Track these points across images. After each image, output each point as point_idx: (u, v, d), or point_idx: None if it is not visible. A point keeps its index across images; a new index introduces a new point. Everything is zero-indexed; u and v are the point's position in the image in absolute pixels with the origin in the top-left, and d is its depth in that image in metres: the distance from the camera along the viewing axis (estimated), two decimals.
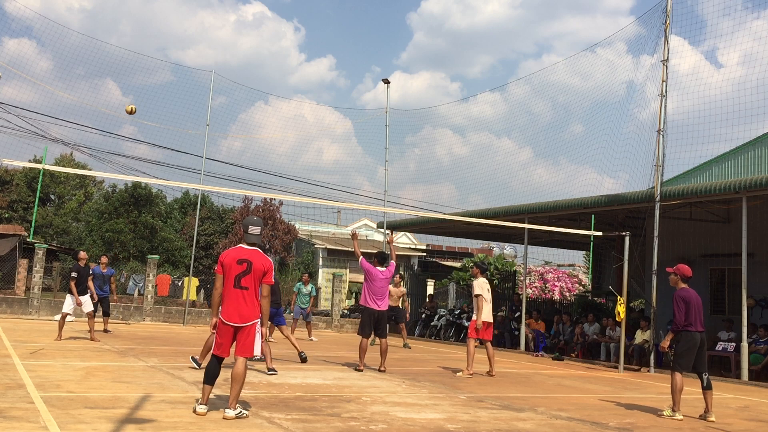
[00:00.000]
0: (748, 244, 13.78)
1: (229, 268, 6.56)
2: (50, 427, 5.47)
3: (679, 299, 8.45)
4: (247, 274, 6.54)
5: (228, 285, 6.53)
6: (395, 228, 26.26)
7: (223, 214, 43.68)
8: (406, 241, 47.10)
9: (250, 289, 6.54)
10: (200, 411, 6.42)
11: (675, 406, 8.27)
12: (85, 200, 50.95)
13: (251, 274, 6.56)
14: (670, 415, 8.21)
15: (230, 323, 6.48)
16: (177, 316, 22.70)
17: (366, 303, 11.19)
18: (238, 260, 6.58)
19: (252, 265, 6.58)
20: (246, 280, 6.53)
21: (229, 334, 6.51)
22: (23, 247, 26.69)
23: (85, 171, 36.00)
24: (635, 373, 14.41)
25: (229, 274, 6.54)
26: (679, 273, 8.63)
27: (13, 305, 20.93)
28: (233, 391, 6.41)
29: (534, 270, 34.26)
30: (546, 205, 18.46)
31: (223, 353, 6.55)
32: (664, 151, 15.20)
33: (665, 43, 15.34)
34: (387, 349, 11.40)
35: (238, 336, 6.52)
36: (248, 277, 6.54)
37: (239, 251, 6.67)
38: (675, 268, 8.69)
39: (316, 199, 20.84)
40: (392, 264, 11.48)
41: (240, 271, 6.54)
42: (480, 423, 6.92)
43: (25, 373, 8.45)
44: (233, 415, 6.31)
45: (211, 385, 6.55)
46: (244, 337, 6.52)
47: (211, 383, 6.54)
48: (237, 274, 6.53)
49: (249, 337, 6.53)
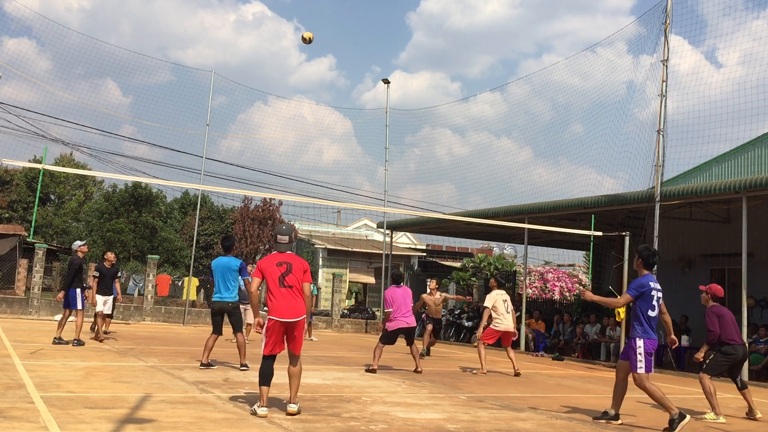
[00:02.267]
0: (748, 244, 13.78)
1: (269, 271, 6.85)
2: (50, 427, 5.46)
3: (712, 314, 8.81)
4: (289, 274, 6.86)
5: (273, 286, 6.81)
6: (395, 228, 26.26)
7: (223, 214, 43.69)
8: (406, 241, 47.08)
9: (295, 287, 6.84)
10: (262, 413, 6.56)
11: (716, 409, 8.40)
12: (85, 200, 50.96)
13: (293, 273, 6.86)
14: (714, 419, 8.27)
15: (285, 320, 6.74)
16: (177, 316, 22.70)
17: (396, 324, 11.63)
18: (278, 263, 6.90)
19: (292, 266, 6.90)
20: (289, 278, 6.85)
21: (282, 331, 6.79)
22: (23, 247, 26.71)
23: (85, 171, 36.00)
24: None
25: (272, 277, 6.83)
26: (711, 292, 9.02)
27: (13, 305, 20.93)
28: (293, 387, 6.74)
29: (534, 270, 34.24)
30: (546, 205, 18.46)
31: (276, 351, 6.82)
32: (664, 151, 15.20)
33: (665, 43, 15.34)
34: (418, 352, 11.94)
35: (290, 332, 6.80)
36: (291, 276, 6.85)
37: (275, 256, 7.00)
38: (708, 287, 9.09)
39: (316, 199, 20.85)
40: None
41: (282, 271, 6.86)
42: (480, 423, 6.92)
43: (25, 373, 8.44)
44: (296, 409, 6.61)
45: (268, 386, 6.78)
46: (297, 332, 6.82)
47: (268, 384, 6.78)
48: (280, 275, 6.83)
49: (299, 333, 6.85)
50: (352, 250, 39.64)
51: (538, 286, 33.27)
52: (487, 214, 19.77)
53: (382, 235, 27.25)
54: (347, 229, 48.34)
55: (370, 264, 38.54)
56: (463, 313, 22.21)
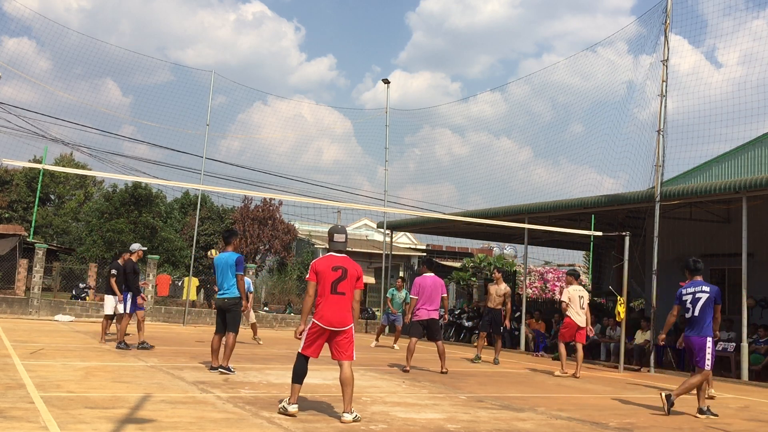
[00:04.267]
0: (748, 244, 13.77)
1: (324, 275, 6.72)
2: (50, 427, 5.46)
3: None
4: (343, 280, 6.73)
5: (325, 291, 6.68)
6: (395, 228, 26.25)
7: (223, 214, 43.65)
8: (406, 241, 47.07)
9: (347, 294, 6.74)
10: (292, 410, 6.57)
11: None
12: (85, 200, 50.96)
13: (347, 280, 6.75)
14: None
15: (329, 327, 6.63)
16: (177, 316, 22.70)
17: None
18: (333, 267, 6.75)
19: (347, 272, 6.77)
20: (342, 285, 6.71)
21: (325, 337, 6.69)
22: (23, 247, 26.70)
23: (85, 171, 36.00)
24: (635, 373, 14.41)
25: (326, 281, 6.70)
26: None
27: (13, 305, 20.93)
28: (346, 396, 6.58)
29: (534, 270, 34.28)
30: (546, 205, 18.46)
31: (314, 354, 6.73)
32: (664, 151, 15.20)
33: (665, 43, 15.34)
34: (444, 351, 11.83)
35: (338, 340, 6.69)
36: (344, 283, 6.73)
37: (331, 259, 6.82)
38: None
39: (316, 199, 20.85)
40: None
41: (336, 277, 6.71)
42: (480, 423, 6.92)
43: (25, 373, 8.45)
44: (350, 418, 6.45)
45: (300, 384, 6.73)
46: (345, 341, 6.70)
47: (300, 382, 6.73)
48: (333, 281, 6.70)
49: (349, 341, 6.72)
50: (352, 250, 39.62)
51: (538, 286, 33.31)
52: (487, 214, 19.77)
53: (382, 235, 27.24)
54: (347, 229, 48.28)
55: (370, 264, 38.51)
56: (463, 313, 22.20)
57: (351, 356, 6.70)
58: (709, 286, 8.38)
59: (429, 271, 11.95)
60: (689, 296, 8.39)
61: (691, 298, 8.35)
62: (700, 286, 8.39)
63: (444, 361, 11.71)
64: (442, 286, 12.01)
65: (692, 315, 8.32)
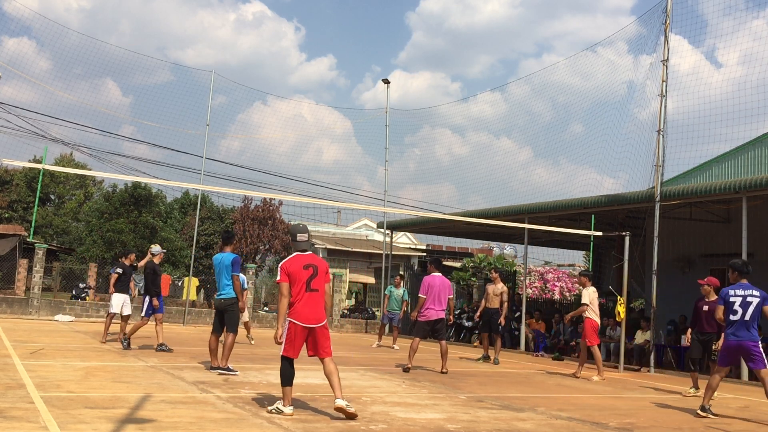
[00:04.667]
0: (748, 244, 13.77)
1: (297, 275, 6.82)
2: (50, 427, 5.46)
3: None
4: (315, 277, 6.86)
5: (300, 290, 6.79)
6: (395, 228, 26.26)
7: (223, 214, 43.66)
8: (406, 241, 47.06)
9: (320, 291, 6.89)
10: (288, 412, 6.63)
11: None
12: (84, 200, 50.96)
13: (318, 276, 6.89)
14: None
15: (308, 325, 6.74)
16: (177, 316, 22.69)
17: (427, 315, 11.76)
18: (304, 266, 6.87)
19: (318, 268, 6.92)
20: (315, 282, 6.86)
21: (304, 336, 6.78)
22: (23, 247, 26.70)
23: (85, 171, 35.99)
24: (635, 373, 14.41)
25: (299, 280, 6.80)
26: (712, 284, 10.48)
27: (13, 305, 20.93)
28: (334, 384, 6.72)
29: (534, 270, 34.24)
30: (546, 205, 18.46)
31: (296, 354, 6.81)
32: (664, 151, 15.20)
33: (665, 43, 15.34)
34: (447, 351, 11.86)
35: (317, 338, 6.81)
36: (317, 279, 6.88)
37: (300, 258, 6.93)
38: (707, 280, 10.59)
39: (316, 199, 20.86)
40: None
41: (309, 275, 6.84)
42: (480, 423, 6.91)
43: (25, 373, 8.44)
44: (344, 404, 6.59)
45: (291, 386, 6.78)
46: (322, 338, 6.82)
47: (291, 384, 6.78)
48: (307, 279, 6.82)
49: (327, 336, 6.87)
50: (352, 250, 39.62)
51: (538, 286, 33.27)
52: (487, 214, 19.77)
53: (382, 235, 27.24)
54: (347, 229, 48.30)
55: (370, 264, 38.50)
56: (463, 313, 22.20)
57: (329, 352, 6.85)
58: (758, 291, 8.38)
59: (437, 270, 11.90)
60: (738, 299, 8.33)
61: (740, 301, 8.30)
62: (750, 289, 8.37)
63: (445, 360, 11.71)
64: (449, 286, 11.97)
65: (741, 318, 8.26)
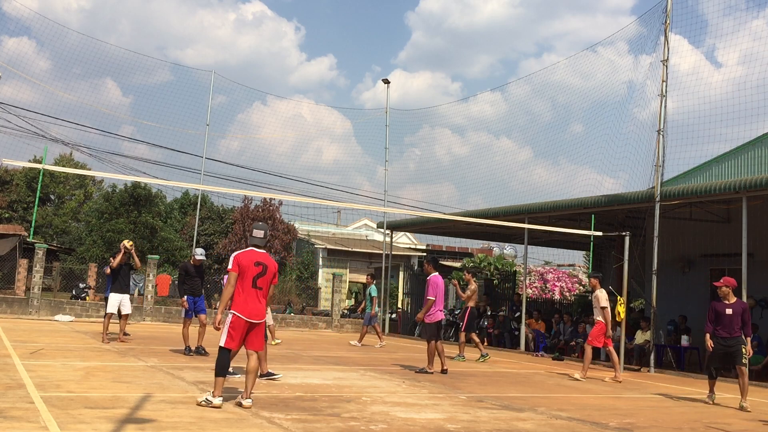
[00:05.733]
0: (748, 244, 13.77)
1: (246, 269, 6.99)
2: (50, 427, 5.46)
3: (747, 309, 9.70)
4: (262, 276, 7.03)
5: (246, 285, 6.95)
6: (395, 228, 26.25)
7: (223, 214, 43.62)
8: (406, 241, 47.06)
9: (264, 290, 7.07)
10: (217, 403, 6.77)
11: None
12: (84, 200, 50.97)
13: (266, 276, 7.06)
14: None
15: (250, 320, 6.92)
16: (177, 316, 22.67)
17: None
18: (255, 262, 7.04)
19: (267, 268, 7.09)
20: (262, 281, 7.02)
21: (244, 329, 6.93)
22: (23, 247, 26.71)
23: (85, 171, 36.02)
24: (635, 373, 14.41)
25: (247, 275, 6.97)
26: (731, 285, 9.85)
27: (13, 305, 20.93)
28: (249, 383, 6.92)
29: (534, 270, 34.24)
30: (546, 205, 18.46)
31: (236, 347, 6.99)
32: (664, 151, 15.21)
33: (665, 43, 15.34)
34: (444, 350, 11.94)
35: (251, 332, 6.99)
36: (264, 278, 7.05)
37: (253, 254, 7.11)
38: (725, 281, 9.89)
39: (316, 199, 20.88)
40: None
41: (257, 272, 7.01)
42: (480, 423, 6.92)
43: (25, 373, 8.44)
44: (250, 403, 6.81)
45: (224, 377, 6.92)
46: (257, 333, 7.05)
47: (224, 375, 6.93)
48: (254, 275, 6.98)
49: (261, 333, 7.13)
50: (352, 250, 39.63)
51: (538, 286, 33.28)
52: (487, 214, 19.77)
53: (382, 235, 27.24)
54: (347, 229, 48.29)
55: (370, 264, 38.50)
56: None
57: (261, 346, 7.19)
58: None
59: (435, 270, 11.95)
60: None
61: None
62: None
63: (444, 358, 11.71)
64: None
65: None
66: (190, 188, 35.58)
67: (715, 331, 9.76)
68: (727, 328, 9.66)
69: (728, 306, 9.72)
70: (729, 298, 9.79)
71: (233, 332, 6.86)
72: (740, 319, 9.55)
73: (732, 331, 9.62)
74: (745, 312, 9.58)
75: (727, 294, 9.80)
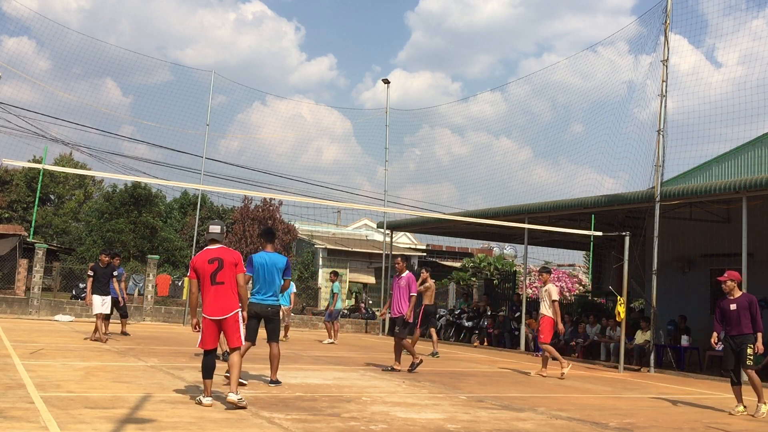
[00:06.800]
0: (748, 244, 13.77)
1: (202, 270, 7.07)
2: (50, 427, 5.46)
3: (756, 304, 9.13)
4: (220, 270, 7.05)
5: (206, 284, 7.04)
6: (395, 228, 26.25)
7: (223, 214, 43.67)
8: (406, 241, 47.06)
9: (226, 283, 7.08)
10: (207, 402, 6.86)
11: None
12: (84, 200, 50.98)
13: (224, 269, 7.07)
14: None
15: (213, 317, 7.00)
16: (177, 316, 22.70)
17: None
18: (209, 260, 7.09)
19: (223, 261, 7.08)
20: (221, 275, 7.04)
21: (213, 328, 7.03)
22: (23, 247, 26.68)
23: (85, 171, 36.01)
24: (635, 373, 14.41)
25: (204, 275, 7.06)
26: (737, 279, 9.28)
27: (13, 305, 20.93)
28: (233, 377, 7.01)
29: (534, 270, 34.23)
30: (546, 205, 18.46)
31: (212, 345, 7.07)
32: (664, 151, 15.20)
33: (665, 43, 15.34)
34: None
35: (225, 328, 7.05)
36: (222, 273, 7.06)
37: (207, 253, 7.18)
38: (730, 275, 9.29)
39: (316, 199, 20.87)
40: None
41: (213, 269, 7.04)
42: (480, 423, 6.92)
43: (25, 373, 8.44)
44: (236, 398, 6.80)
45: (210, 378, 7.02)
46: (229, 328, 7.05)
47: (210, 377, 7.02)
48: (211, 273, 7.03)
49: (236, 327, 7.07)
50: (352, 250, 39.62)
51: (537, 286, 33.26)
52: (487, 214, 19.77)
53: (382, 235, 27.24)
54: (347, 229, 48.28)
55: (370, 264, 38.51)
56: (463, 313, 22.20)
57: (238, 342, 7.07)
58: None
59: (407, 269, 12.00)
60: None
61: None
62: None
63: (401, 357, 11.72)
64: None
65: None
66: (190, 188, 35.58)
67: (726, 330, 9.19)
68: (734, 324, 9.03)
69: (733, 301, 9.13)
70: (734, 293, 9.16)
71: (204, 334, 7.02)
72: (748, 313, 8.89)
73: (739, 329, 8.95)
74: (752, 305, 8.91)
75: (733, 289, 9.17)
